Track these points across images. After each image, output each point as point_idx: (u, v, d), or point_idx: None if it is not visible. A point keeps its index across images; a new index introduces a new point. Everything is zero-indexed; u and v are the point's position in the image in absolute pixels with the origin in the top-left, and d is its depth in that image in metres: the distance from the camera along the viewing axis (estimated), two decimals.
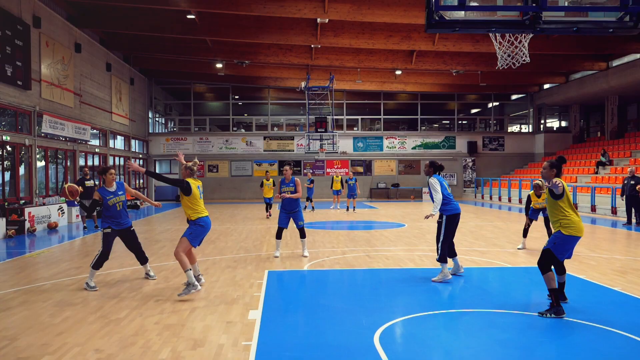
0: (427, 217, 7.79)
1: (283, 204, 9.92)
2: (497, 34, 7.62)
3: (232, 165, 31.81)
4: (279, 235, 9.98)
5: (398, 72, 28.00)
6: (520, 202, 25.47)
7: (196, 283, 6.64)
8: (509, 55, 7.81)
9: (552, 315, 5.73)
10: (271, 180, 19.29)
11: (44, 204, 15.70)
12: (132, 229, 7.74)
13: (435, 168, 7.95)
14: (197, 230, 6.82)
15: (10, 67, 15.50)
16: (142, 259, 7.87)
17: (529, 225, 10.80)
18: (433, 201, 7.65)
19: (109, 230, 7.41)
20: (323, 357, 4.62)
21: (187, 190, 6.74)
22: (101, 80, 23.46)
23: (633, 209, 15.82)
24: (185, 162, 7.04)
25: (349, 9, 17.99)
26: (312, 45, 23.65)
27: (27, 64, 16.52)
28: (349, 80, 29.46)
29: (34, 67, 17.13)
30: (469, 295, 6.94)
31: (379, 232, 14.11)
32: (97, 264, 7.31)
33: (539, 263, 6.00)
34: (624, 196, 16.22)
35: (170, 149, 31.41)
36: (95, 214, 15.53)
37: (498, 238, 12.77)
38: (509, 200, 27.09)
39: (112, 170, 7.62)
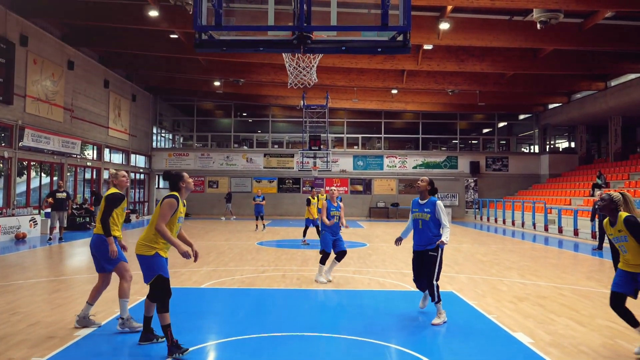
0: (443, 244, 6.37)
1: (331, 227, 9.19)
2: (288, 55, 7.54)
3: (232, 181, 32.16)
4: (323, 261, 9.18)
5: (394, 92, 27.88)
6: (523, 225, 24.25)
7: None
8: (291, 74, 7.72)
9: None
10: (321, 198, 16.18)
11: (12, 215, 16.21)
12: None
13: (433, 189, 6.68)
14: None
15: None
16: None
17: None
18: (441, 227, 6.49)
19: None
20: None
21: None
22: (97, 97, 24.21)
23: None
24: None
25: None
26: None
27: (9, 80, 17.21)
28: (346, 99, 29.53)
29: (19, 82, 17.85)
30: (327, 318, 6.78)
31: None
32: None
33: None
34: (595, 220, 15.59)
35: (172, 164, 32.01)
36: (63, 225, 15.99)
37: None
38: (512, 223, 25.65)
39: None
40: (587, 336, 5.92)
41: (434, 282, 6.39)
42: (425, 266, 6.46)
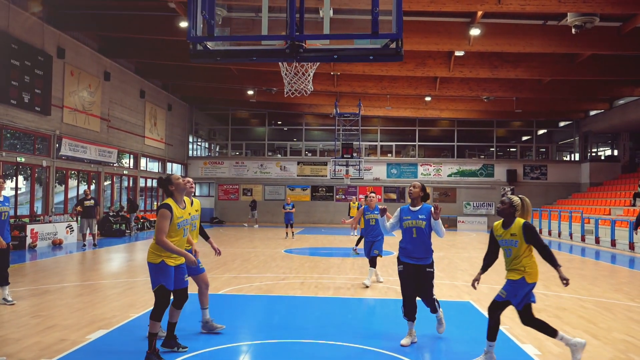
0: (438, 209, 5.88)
1: (367, 232, 9.69)
2: (284, 63, 7.49)
3: (265, 189, 32.47)
4: (371, 264, 9.62)
5: (428, 99, 27.60)
6: (559, 235, 23.63)
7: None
8: (288, 83, 7.63)
9: None
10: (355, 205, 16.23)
11: (50, 222, 16.80)
12: (9, 244, 7.79)
13: (426, 194, 6.15)
14: None
15: (28, 95, 16.88)
16: (3, 281, 7.68)
17: None
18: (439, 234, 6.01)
19: None
20: None
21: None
22: (133, 106, 24.90)
23: None
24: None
25: None
26: (332, 72, 23.92)
27: (47, 92, 17.89)
28: (379, 106, 29.41)
29: (56, 94, 18.54)
30: (332, 326, 6.71)
31: (361, 260, 13.67)
32: None
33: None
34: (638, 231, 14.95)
35: (207, 172, 32.61)
36: (95, 231, 16.51)
37: (454, 269, 12.23)
38: (549, 233, 25.22)
39: (1, 180, 7.64)
40: (599, 349, 5.70)
41: (433, 297, 6.10)
42: (424, 285, 5.99)
